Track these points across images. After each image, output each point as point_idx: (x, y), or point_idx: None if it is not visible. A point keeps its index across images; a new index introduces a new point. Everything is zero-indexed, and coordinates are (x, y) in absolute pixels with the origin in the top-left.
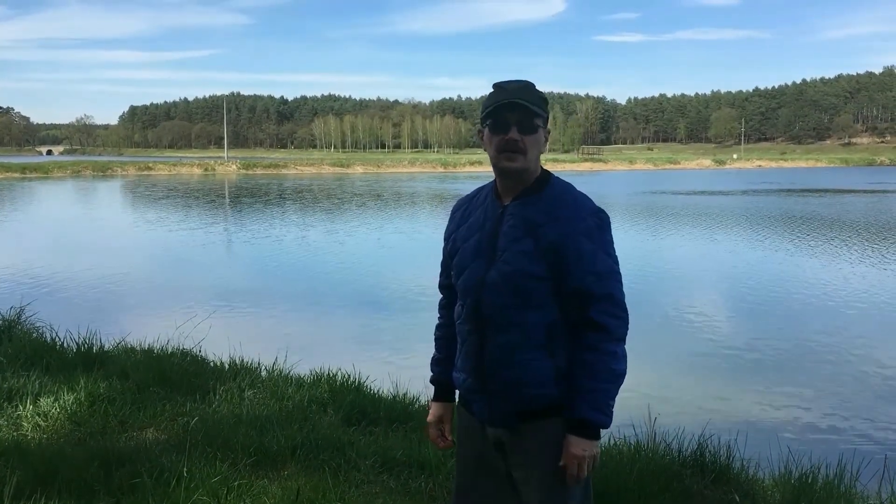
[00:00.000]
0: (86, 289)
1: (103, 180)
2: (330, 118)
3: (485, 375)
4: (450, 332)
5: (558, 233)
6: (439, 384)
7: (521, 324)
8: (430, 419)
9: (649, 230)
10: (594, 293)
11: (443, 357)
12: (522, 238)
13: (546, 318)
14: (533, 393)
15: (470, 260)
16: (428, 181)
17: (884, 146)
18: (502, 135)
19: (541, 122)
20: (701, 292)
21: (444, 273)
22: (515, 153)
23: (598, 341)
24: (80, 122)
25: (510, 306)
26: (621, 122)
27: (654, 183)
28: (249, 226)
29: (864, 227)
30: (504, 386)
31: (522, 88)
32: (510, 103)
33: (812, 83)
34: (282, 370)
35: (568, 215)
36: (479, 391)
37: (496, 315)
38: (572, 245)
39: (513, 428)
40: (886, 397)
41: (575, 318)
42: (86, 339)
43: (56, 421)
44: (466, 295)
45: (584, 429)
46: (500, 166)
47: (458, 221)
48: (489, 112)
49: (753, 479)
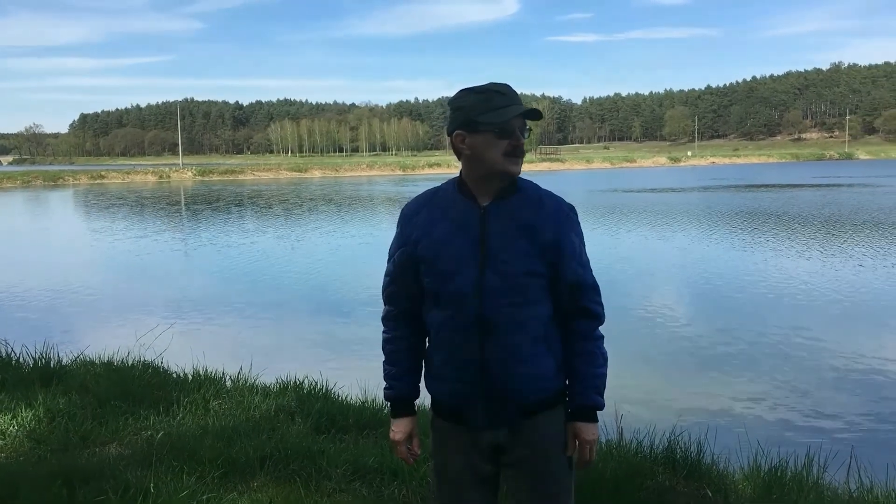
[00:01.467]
0: (41, 302)
1: (55, 190)
2: (286, 123)
3: (485, 379)
4: (406, 343)
5: (553, 230)
6: (401, 399)
7: (524, 322)
8: (399, 437)
9: (609, 228)
10: (585, 283)
11: (402, 370)
12: (518, 238)
13: (544, 313)
14: (538, 387)
15: (458, 265)
16: (387, 184)
17: (832, 141)
18: (509, 139)
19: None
20: (663, 289)
21: (397, 282)
22: (520, 158)
23: (592, 329)
24: (30, 132)
25: (514, 306)
26: (577, 122)
27: (611, 181)
28: (206, 234)
29: (820, 221)
30: (509, 386)
31: (516, 93)
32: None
33: (762, 80)
34: (247, 379)
35: (555, 212)
36: (474, 397)
37: (499, 317)
38: (565, 240)
39: (514, 426)
40: (852, 390)
41: (569, 308)
42: (42, 353)
43: (14, 439)
44: (460, 301)
45: (591, 413)
46: (505, 170)
47: (422, 226)
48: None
49: (725, 474)
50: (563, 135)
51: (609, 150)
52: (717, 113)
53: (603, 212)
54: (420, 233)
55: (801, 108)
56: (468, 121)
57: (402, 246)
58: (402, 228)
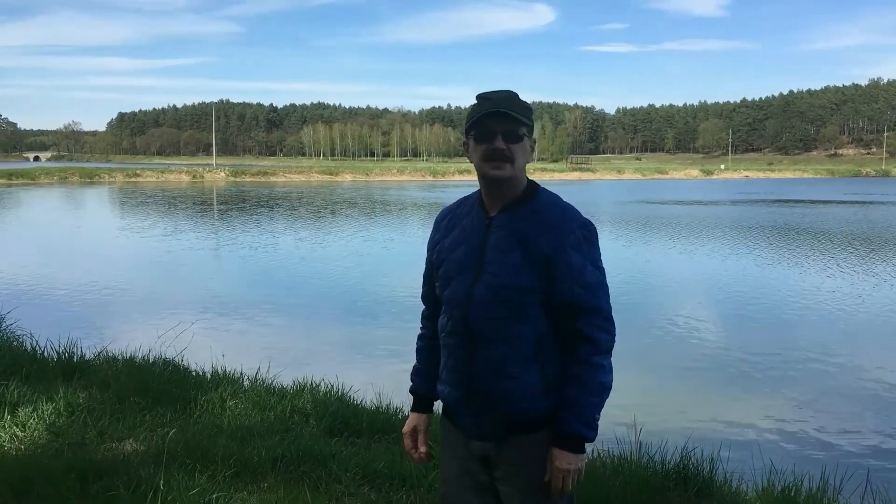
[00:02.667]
0: (68, 297)
1: (90, 187)
2: (319, 126)
3: (473, 389)
4: (432, 343)
5: (548, 244)
6: (418, 395)
7: (510, 337)
8: (406, 429)
9: (636, 239)
10: (583, 306)
11: (423, 368)
12: (511, 250)
13: (535, 331)
14: (522, 406)
15: (456, 272)
16: (416, 190)
17: (869, 157)
18: (487, 144)
19: (526, 132)
20: (687, 302)
21: (427, 284)
22: (503, 162)
23: (588, 354)
24: (68, 129)
25: (499, 319)
26: (610, 132)
27: (642, 192)
28: (235, 234)
29: (848, 239)
30: (493, 399)
31: (506, 98)
32: (496, 112)
33: (799, 94)
34: (265, 380)
35: (557, 227)
36: (465, 405)
37: (485, 328)
38: (562, 257)
39: (500, 441)
40: (870, 410)
41: (564, 330)
42: (66, 347)
43: (34, 431)
44: (453, 308)
45: (571, 442)
46: (487, 175)
47: (443, 231)
48: (474, 122)
49: (737, 492)
50: (594, 144)
51: (641, 161)
52: (751, 126)
53: (627, 223)
54: (439, 238)
55: (837, 123)
56: (465, 129)
57: (429, 250)
58: (431, 233)
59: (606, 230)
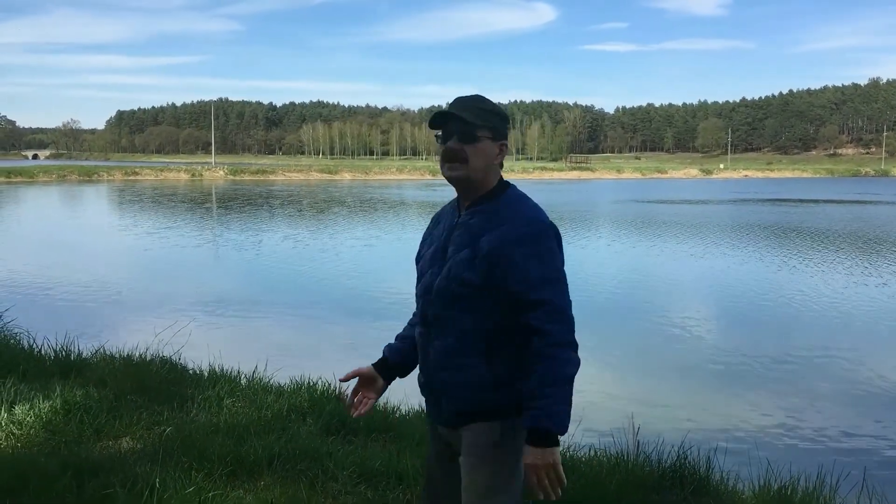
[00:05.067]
0: (66, 295)
1: (89, 185)
2: (318, 125)
3: (430, 377)
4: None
5: (492, 242)
6: (385, 352)
7: (458, 330)
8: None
9: (633, 238)
10: (528, 299)
11: (403, 335)
12: (464, 247)
13: (483, 325)
14: (468, 397)
15: (427, 267)
16: (415, 189)
17: (869, 157)
18: (442, 144)
19: (485, 133)
20: (684, 301)
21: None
22: (455, 162)
23: (543, 347)
24: (67, 127)
25: (449, 312)
26: (609, 131)
27: (641, 192)
28: (233, 232)
29: (846, 238)
30: (443, 387)
31: (462, 101)
32: (443, 114)
33: (798, 94)
34: (262, 378)
35: (504, 224)
36: (427, 392)
37: (438, 320)
38: (505, 253)
39: (454, 428)
40: (866, 409)
41: (518, 325)
42: (64, 345)
43: (30, 429)
44: (419, 300)
45: (535, 437)
46: (444, 175)
47: (429, 229)
48: (429, 124)
49: (734, 491)
50: (594, 144)
51: (640, 160)
52: (751, 126)
53: (624, 222)
54: (426, 235)
55: (837, 123)
56: None
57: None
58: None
59: (606, 230)
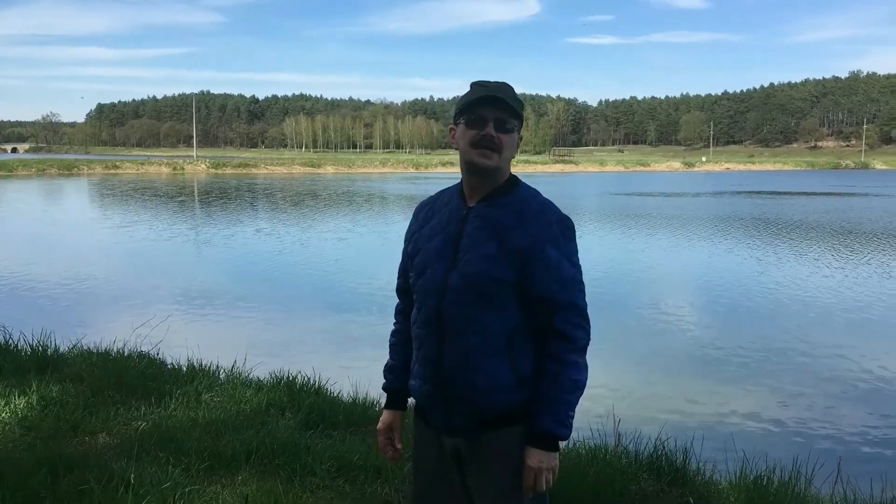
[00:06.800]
0: (42, 289)
1: (69, 179)
2: (301, 118)
3: (443, 381)
4: (405, 338)
5: (525, 237)
6: (392, 392)
7: (482, 328)
8: (380, 427)
9: (615, 231)
10: (558, 301)
11: (397, 364)
12: (487, 241)
13: (507, 324)
14: (492, 400)
15: (432, 261)
16: (399, 182)
17: (849, 150)
18: (478, 130)
19: (517, 124)
20: (663, 294)
21: (403, 276)
22: (491, 150)
23: (562, 351)
24: (46, 120)
25: (471, 310)
26: (592, 125)
27: (624, 185)
28: (212, 226)
29: (826, 229)
30: (462, 392)
31: (503, 87)
32: (492, 98)
33: (779, 87)
34: (241, 373)
35: (535, 221)
36: (436, 399)
37: (456, 319)
38: (539, 251)
39: (472, 437)
40: (841, 400)
41: (538, 325)
42: (40, 341)
43: (6, 426)
44: (426, 297)
45: (544, 440)
46: (473, 162)
47: (420, 222)
48: (468, 106)
49: (710, 482)
50: (577, 137)
51: (623, 153)
52: (733, 119)
53: (607, 215)
54: (417, 228)
55: (818, 116)
56: (454, 113)
57: (406, 241)
58: (409, 224)
59: (589, 222)
